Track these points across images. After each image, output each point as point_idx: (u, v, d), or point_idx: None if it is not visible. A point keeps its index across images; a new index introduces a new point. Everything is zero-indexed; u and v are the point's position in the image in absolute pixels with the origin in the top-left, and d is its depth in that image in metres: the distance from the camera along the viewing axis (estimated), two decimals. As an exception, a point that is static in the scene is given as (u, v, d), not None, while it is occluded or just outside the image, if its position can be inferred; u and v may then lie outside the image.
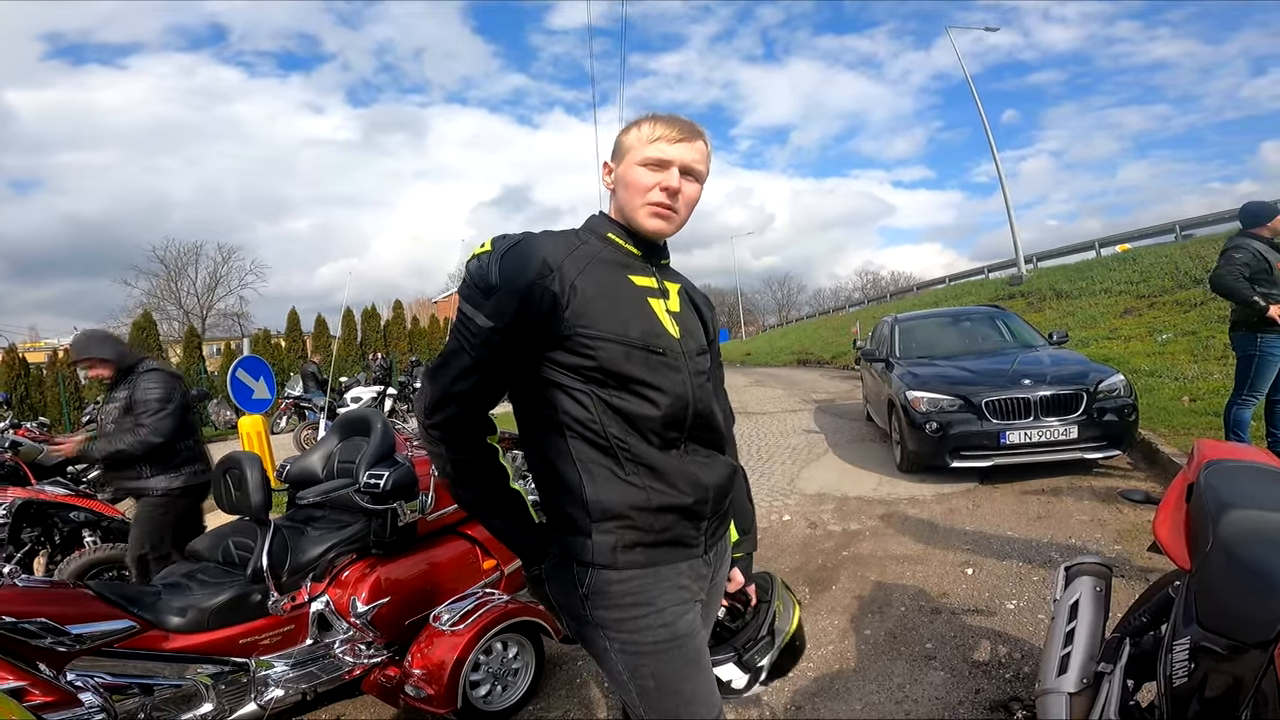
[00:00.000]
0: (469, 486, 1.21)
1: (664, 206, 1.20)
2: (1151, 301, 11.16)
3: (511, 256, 1.11)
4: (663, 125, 1.20)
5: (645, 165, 1.20)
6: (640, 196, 1.20)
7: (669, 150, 1.19)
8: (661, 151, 1.19)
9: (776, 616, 1.49)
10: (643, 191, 1.20)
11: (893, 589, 3.40)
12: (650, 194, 1.20)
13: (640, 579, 1.15)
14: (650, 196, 1.20)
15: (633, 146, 1.21)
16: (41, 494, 4.07)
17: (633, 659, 1.17)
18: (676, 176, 1.20)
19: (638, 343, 1.14)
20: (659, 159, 1.19)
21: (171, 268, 34.22)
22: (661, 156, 1.19)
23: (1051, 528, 4.02)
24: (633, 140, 1.22)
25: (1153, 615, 1.69)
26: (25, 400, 14.89)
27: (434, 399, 1.15)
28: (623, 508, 1.14)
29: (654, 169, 1.20)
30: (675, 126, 1.20)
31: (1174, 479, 1.73)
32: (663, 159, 1.19)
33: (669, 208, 1.21)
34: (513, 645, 2.67)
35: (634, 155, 1.21)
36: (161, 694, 2.14)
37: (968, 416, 5.07)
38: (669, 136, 1.19)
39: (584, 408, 1.13)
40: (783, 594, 1.56)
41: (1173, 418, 5.81)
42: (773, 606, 1.50)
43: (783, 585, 1.59)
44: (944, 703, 2.40)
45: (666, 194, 1.20)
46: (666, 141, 1.19)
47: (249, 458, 2.42)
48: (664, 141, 1.19)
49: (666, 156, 1.19)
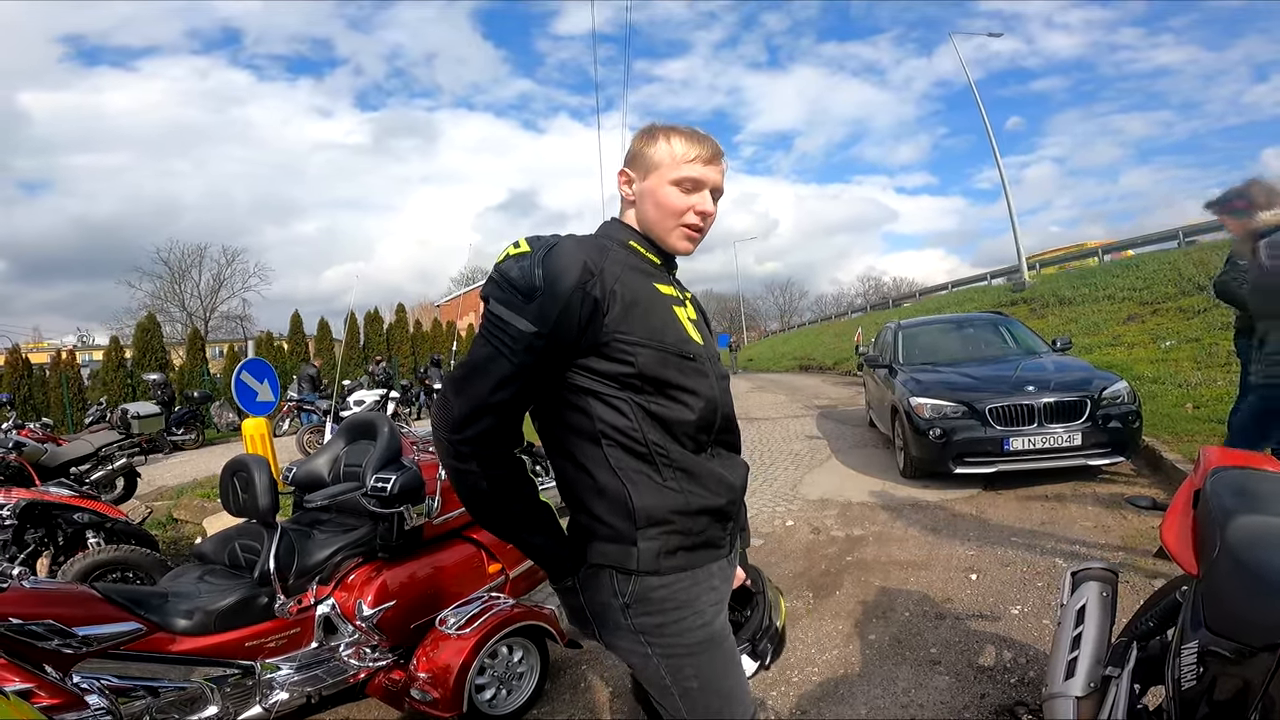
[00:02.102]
0: (505, 503, 1.15)
1: (697, 230, 1.21)
2: (1155, 308, 11.15)
3: (554, 259, 1.07)
4: (695, 144, 1.19)
5: (679, 185, 1.19)
6: (674, 219, 1.20)
7: (704, 171, 1.19)
8: (697, 172, 1.18)
9: (771, 607, 1.55)
10: (677, 214, 1.19)
11: (897, 594, 3.40)
12: (685, 217, 1.19)
13: (681, 583, 1.16)
14: (686, 219, 1.20)
15: (663, 163, 1.19)
16: (46, 495, 4.08)
17: (676, 661, 1.17)
18: (710, 200, 1.20)
19: (673, 349, 1.14)
20: (694, 180, 1.18)
21: (175, 270, 34.38)
22: (697, 178, 1.19)
23: (1055, 534, 4.02)
24: (663, 156, 1.19)
25: (1160, 620, 1.69)
26: (29, 401, 14.91)
27: (466, 411, 1.08)
28: (665, 513, 1.13)
29: (688, 191, 1.19)
30: (706, 146, 1.20)
31: (1180, 485, 1.73)
32: (698, 180, 1.19)
33: (701, 230, 1.22)
34: (518, 649, 2.67)
35: (665, 173, 1.19)
36: (167, 696, 2.14)
37: (971, 423, 5.07)
38: (703, 156, 1.19)
39: (623, 415, 1.12)
40: (770, 586, 1.61)
41: (1176, 424, 5.80)
42: (768, 597, 1.55)
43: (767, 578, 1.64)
44: (949, 707, 2.40)
45: (701, 218, 1.20)
46: (701, 163, 1.19)
47: (256, 461, 2.43)
48: (699, 163, 1.18)
49: (701, 178, 1.19)
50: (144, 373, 15.27)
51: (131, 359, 16.71)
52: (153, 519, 5.78)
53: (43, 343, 35.13)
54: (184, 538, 5.72)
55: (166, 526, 6.06)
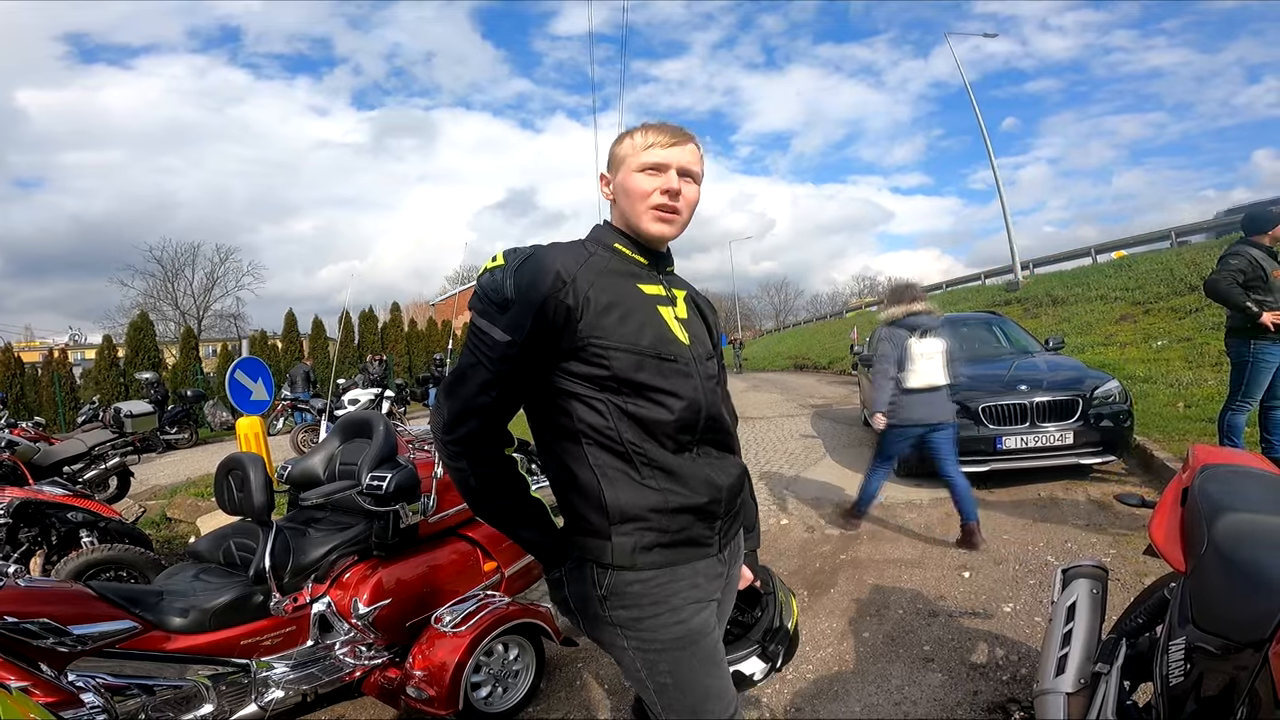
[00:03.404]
0: (493, 499, 1.21)
1: (667, 209, 1.23)
2: (1147, 308, 11.22)
3: (525, 270, 1.11)
4: (654, 132, 1.23)
5: (643, 171, 1.22)
6: (642, 202, 1.22)
7: (664, 154, 1.22)
8: (657, 156, 1.22)
9: (782, 608, 1.55)
10: (644, 197, 1.22)
11: (890, 592, 3.42)
12: (651, 198, 1.22)
13: (657, 579, 1.18)
14: (652, 200, 1.22)
15: (628, 155, 1.24)
16: (39, 494, 4.06)
17: (650, 657, 1.19)
18: (675, 178, 1.22)
19: (649, 351, 1.16)
20: (656, 163, 1.22)
21: (168, 268, 34.19)
22: (658, 161, 1.22)
23: (1047, 532, 4.05)
24: (626, 150, 1.25)
25: (1149, 617, 1.72)
26: (20, 400, 14.82)
27: (453, 414, 1.15)
28: (640, 510, 1.16)
29: (652, 174, 1.22)
30: (666, 132, 1.24)
31: (1169, 483, 1.75)
32: (659, 163, 1.22)
33: (672, 209, 1.23)
34: (513, 647, 2.68)
35: (630, 163, 1.23)
36: (162, 695, 2.14)
37: (964, 422, 5.08)
38: (662, 141, 1.22)
39: (600, 415, 1.15)
40: (782, 587, 1.61)
41: (1167, 423, 5.84)
42: (778, 598, 1.55)
43: (779, 579, 1.64)
44: (942, 704, 2.42)
45: (668, 196, 1.22)
46: (660, 147, 1.22)
47: (252, 459, 2.43)
48: (658, 147, 1.22)
49: (663, 160, 1.22)
50: (137, 371, 15.21)
51: (124, 358, 16.66)
52: (146, 518, 5.75)
53: (35, 341, 34.95)
54: (177, 537, 5.70)
55: (160, 525, 6.03)
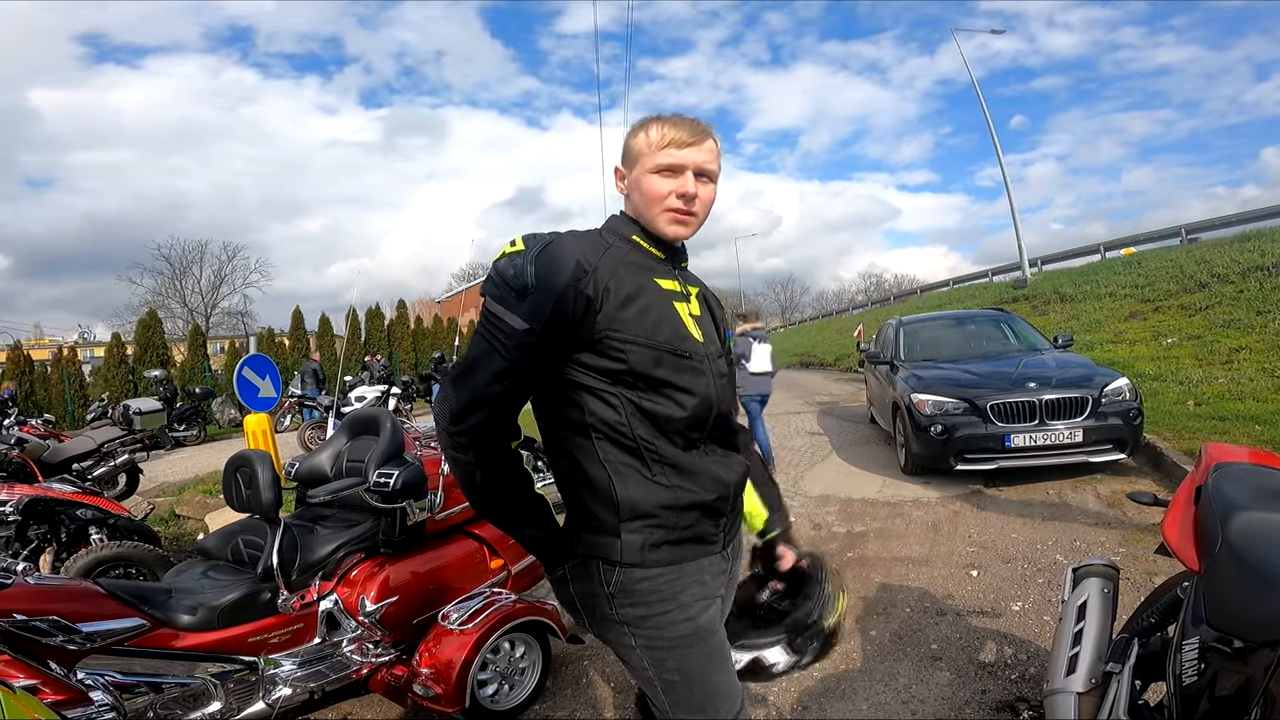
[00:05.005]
0: (499, 495, 1.19)
1: (683, 213, 1.20)
2: (1156, 305, 11.13)
3: (546, 257, 1.09)
4: (670, 128, 1.19)
5: (658, 173, 1.19)
6: (658, 205, 1.19)
7: (680, 155, 1.18)
8: (673, 157, 1.18)
9: (826, 603, 1.46)
10: (659, 200, 1.19)
11: (898, 590, 3.40)
12: (668, 201, 1.19)
13: (665, 576, 1.17)
14: (668, 204, 1.19)
15: (643, 153, 1.20)
16: (49, 491, 4.09)
17: (657, 654, 1.18)
18: (692, 181, 1.19)
19: (666, 346, 1.14)
20: (671, 165, 1.18)
21: (176, 266, 34.46)
22: (674, 162, 1.18)
23: (1056, 530, 4.02)
24: (642, 146, 1.20)
25: (1161, 616, 1.70)
26: (30, 397, 14.93)
27: (463, 404, 1.12)
28: (651, 507, 1.15)
29: (668, 176, 1.19)
30: (683, 128, 1.19)
31: (1182, 482, 1.73)
32: (675, 164, 1.18)
33: (688, 213, 1.21)
34: (520, 645, 2.68)
35: (646, 162, 1.19)
36: (171, 692, 2.15)
37: (972, 420, 5.07)
38: (679, 140, 1.18)
39: (613, 409, 1.13)
40: (831, 580, 1.51)
41: (1177, 421, 5.80)
42: (824, 590, 1.46)
43: (833, 570, 1.54)
44: (950, 703, 2.41)
45: (684, 200, 1.19)
46: (676, 146, 1.18)
47: (260, 456, 2.43)
48: (674, 147, 1.18)
49: (679, 161, 1.18)
50: (145, 369, 15.29)
51: (133, 355, 16.74)
52: (155, 515, 5.79)
53: (44, 339, 35.20)
54: (186, 534, 5.73)
55: (169, 523, 6.07)
